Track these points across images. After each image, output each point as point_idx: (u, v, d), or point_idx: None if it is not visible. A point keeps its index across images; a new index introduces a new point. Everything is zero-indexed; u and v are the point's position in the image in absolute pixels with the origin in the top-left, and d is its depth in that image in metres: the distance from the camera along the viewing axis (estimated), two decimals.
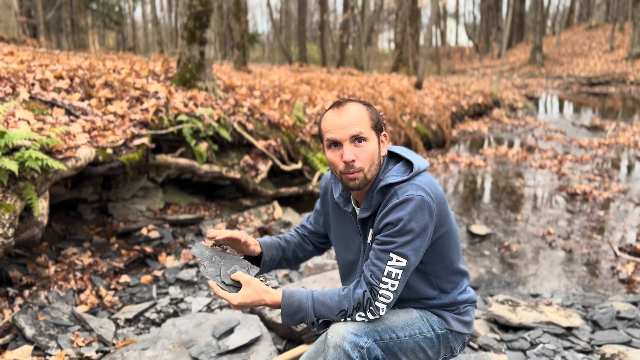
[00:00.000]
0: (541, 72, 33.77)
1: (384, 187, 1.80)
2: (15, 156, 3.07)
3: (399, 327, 1.84)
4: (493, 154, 9.45)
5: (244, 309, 1.80)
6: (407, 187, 1.76)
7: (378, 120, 1.83)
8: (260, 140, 5.77)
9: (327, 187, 2.09)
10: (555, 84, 27.91)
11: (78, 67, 5.64)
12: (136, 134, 4.27)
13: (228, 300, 1.72)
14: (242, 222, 4.81)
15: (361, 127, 1.77)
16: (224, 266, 1.80)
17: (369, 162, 1.79)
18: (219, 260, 1.83)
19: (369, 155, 1.79)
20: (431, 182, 1.82)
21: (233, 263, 1.83)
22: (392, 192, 1.77)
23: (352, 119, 1.77)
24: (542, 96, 22.46)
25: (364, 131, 1.77)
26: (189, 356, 2.66)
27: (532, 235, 4.98)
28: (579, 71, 31.57)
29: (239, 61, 12.23)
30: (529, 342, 2.82)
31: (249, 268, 1.84)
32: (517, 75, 32.81)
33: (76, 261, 3.77)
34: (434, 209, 1.75)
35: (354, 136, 1.76)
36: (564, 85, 27.51)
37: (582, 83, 27.98)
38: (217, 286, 1.73)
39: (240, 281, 1.74)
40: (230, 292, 1.73)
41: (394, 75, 17.21)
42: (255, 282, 1.74)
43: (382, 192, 1.81)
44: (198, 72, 5.92)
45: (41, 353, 2.77)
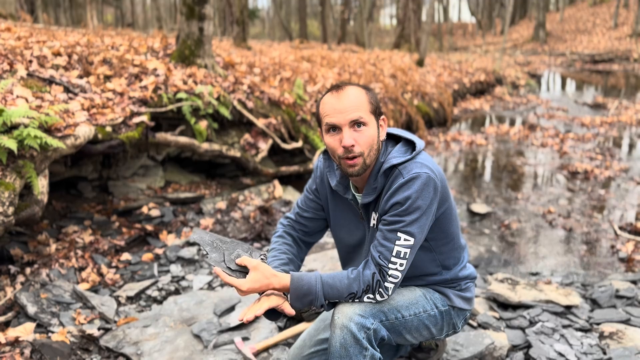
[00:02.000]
0: (544, 49, 33.43)
1: (387, 169, 1.79)
2: (14, 134, 3.05)
3: (403, 307, 1.85)
4: (494, 132, 9.41)
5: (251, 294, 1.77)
6: (411, 165, 1.75)
7: (377, 104, 1.82)
8: (260, 118, 5.73)
9: (322, 176, 2.06)
10: (558, 61, 27.66)
11: (76, 43, 5.57)
12: (135, 112, 4.24)
13: (236, 287, 1.70)
14: (243, 200, 4.81)
15: (360, 111, 1.75)
16: (226, 251, 1.78)
17: (368, 147, 1.77)
18: (221, 245, 1.80)
19: (369, 140, 1.77)
20: (431, 160, 1.82)
21: (235, 247, 1.81)
22: (396, 173, 1.76)
23: (351, 103, 1.74)
24: (544, 74, 22.27)
25: (363, 116, 1.75)
26: (190, 333, 2.68)
27: (533, 214, 4.98)
28: (582, 48, 31.25)
29: (238, 37, 12.09)
30: (528, 321, 2.84)
31: (251, 251, 1.83)
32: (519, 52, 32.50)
33: (77, 239, 3.78)
34: (438, 185, 1.75)
35: (354, 121, 1.74)
36: (567, 62, 27.26)
37: (585, 60, 27.72)
38: (224, 273, 1.71)
39: (248, 266, 1.73)
40: (238, 278, 1.71)
41: (395, 52, 17.05)
42: (263, 267, 1.73)
43: (386, 174, 1.80)
44: (197, 48, 5.86)
45: (43, 330, 2.80)
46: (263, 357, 2.47)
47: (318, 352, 2.12)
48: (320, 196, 2.09)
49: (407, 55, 16.26)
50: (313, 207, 2.13)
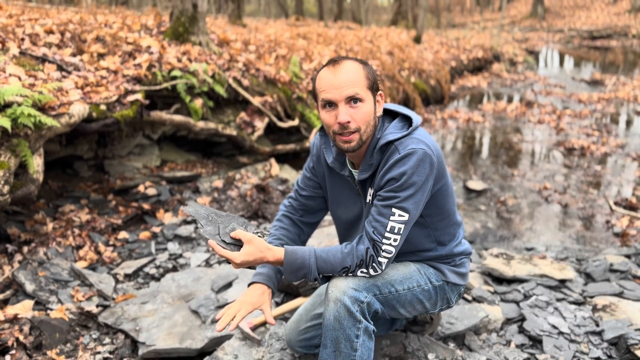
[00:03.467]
0: (542, 25, 33.15)
1: (384, 145, 1.78)
2: (7, 112, 3.03)
3: (397, 281, 1.87)
4: (492, 109, 9.38)
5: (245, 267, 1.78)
6: (407, 141, 1.74)
7: (374, 79, 1.79)
8: (256, 96, 5.69)
9: (318, 154, 2.06)
10: (557, 38, 27.45)
11: (69, 21, 5.50)
12: (130, 90, 4.21)
13: (230, 259, 1.71)
14: (239, 179, 4.81)
15: (357, 87, 1.72)
16: (221, 224, 1.78)
17: (364, 123, 1.75)
18: (216, 218, 1.80)
19: (365, 117, 1.75)
20: (428, 136, 1.81)
21: (230, 221, 1.81)
22: (392, 149, 1.75)
23: (348, 78, 1.71)
24: (542, 50, 22.12)
25: (359, 92, 1.72)
26: (188, 309, 2.70)
27: (529, 190, 5.00)
28: (580, 24, 30.99)
29: (233, 15, 11.95)
30: (522, 294, 2.87)
31: (246, 225, 1.84)
32: (517, 28, 32.22)
33: (74, 218, 3.79)
34: (434, 161, 1.74)
35: (350, 97, 1.71)
36: (565, 39, 27.06)
37: (584, 37, 27.52)
38: (218, 245, 1.71)
39: (242, 239, 1.73)
40: (232, 251, 1.72)
41: (392, 29, 16.89)
42: (257, 240, 1.74)
43: (382, 150, 1.79)
44: (191, 25, 5.79)
45: (42, 307, 2.82)
46: (260, 331, 2.50)
47: (314, 326, 2.15)
48: (317, 174, 2.09)
49: (405, 32, 16.11)
50: (311, 185, 2.13)
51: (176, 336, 2.50)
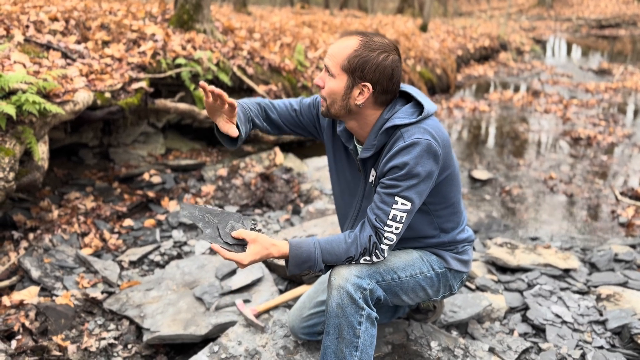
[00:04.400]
0: (550, 14, 32.81)
1: (390, 129, 1.77)
2: (12, 100, 3.03)
3: (400, 268, 1.87)
4: (498, 98, 9.32)
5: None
6: (414, 130, 1.72)
7: (359, 67, 1.71)
8: (260, 85, 5.67)
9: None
10: (564, 27, 27.19)
11: (73, 8, 5.48)
12: (134, 78, 4.21)
13: (238, 262, 1.68)
14: (244, 167, 4.81)
15: (332, 61, 1.75)
16: (219, 224, 1.75)
17: (330, 98, 1.79)
18: (212, 218, 1.77)
19: (329, 92, 1.78)
20: (438, 126, 1.78)
21: (227, 219, 1.79)
22: (398, 135, 1.74)
23: (333, 50, 1.76)
24: (550, 39, 21.91)
25: (331, 67, 1.75)
26: (192, 296, 2.72)
27: (534, 179, 4.97)
28: (588, 13, 30.67)
29: (238, 3, 11.88)
30: (526, 283, 2.87)
31: (242, 220, 1.81)
32: (525, 17, 31.92)
33: (79, 205, 3.80)
34: (439, 153, 1.73)
35: (325, 66, 1.78)
36: (573, 27, 26.79)
37: (592, 25, 27.24)
38: (222, 249, 1.68)
39: (246, 239, 1.72)
40: (237, 252, 1.69)
41: (398, 17, 16.76)
42: (261, 237, 1.73)
43: (387, 133, 1.78)
44: (196, 13, 5.76)
45: (47, 293, 2.84)
46: (264, 318, 2.51)
47: (317, 314, 2.16)
48: (322, 128, 2.09)
49: (411, 20, 15.99)
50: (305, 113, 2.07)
51: (180, 323, 2.52)
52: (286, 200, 4.20)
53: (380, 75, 1.72)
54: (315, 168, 4.98)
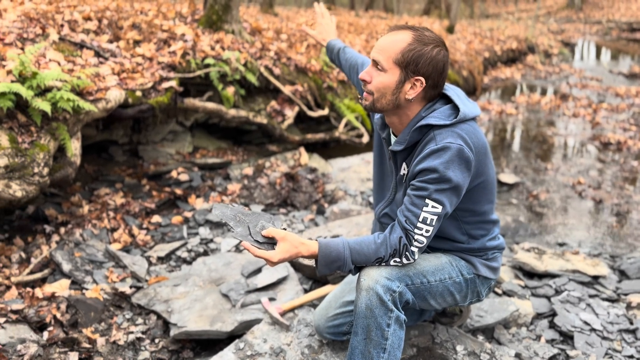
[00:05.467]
0: (579, 16, 32.23)
1: (423, 127, 1.77)
2: (48, 97, 3.11)
3: (429, 272, 1.87)
4: (525, 101, 9.20)
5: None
6: (446, 133, 1.72)
7: (413, 61, 1.72)
8: (287, 85, 5.71)
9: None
10: (594, 30, 26.67)
11: (106, 8, 5.60)
12: (164, 77, 4.28)
13: (267, 259, 1.70)
14: (269, 167, 4.85)
15: (383, 56, 1.75)
16: (250, 224, 1.78)
17: (378, 92, 1.78)
18: (243, 218, 1.80)
19: (379, 86, 1.77)
20: (474, 132, 1.77)
21: (258, 219, 1.82)
22: (430, 136, 1.74)
23: (383, 44, 1.76)
24: (578, 42, 21.52)
25: (382, 61, 1.75)
26: (219, 293, 2.75)
27: (562, 184, 4.90)
28: (619, 16, 30.03)
29: (265, 4, 11.97)
30: (553, 289, 2.83)
31: (273, 220, 1.84)
32: (553, 19, 31.42)
33: (109, 201, 3.88)
34: (471, 159, 1.72)
35: (375, 61, 1.77)
36: (603, 30, 26.26)
37: (623, 28, 26.66)
38: (253, 246, 1.71)
39: (276, 237, 1.74)
40: (267, 250, 1.72)
41: (425, 19, 16.67)
42: (291, 236, 1.74)
43: (421, 131, 1.78)
44: (225, 14, 5.82)
45: (78, 287, 2.91)
46: (289, 317, 2.53)
47: (343, 314, 2.16)
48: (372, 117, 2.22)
49: (437, 21, 15.88)
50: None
51: (207, 319, 2.56)
52: (311, 200, 4.22)
53: (434, 70, 1.74)
54: (339, 169, 4.99)
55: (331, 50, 2.54)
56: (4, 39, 3.68)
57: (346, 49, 2.48)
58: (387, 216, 2.05)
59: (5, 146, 2.81)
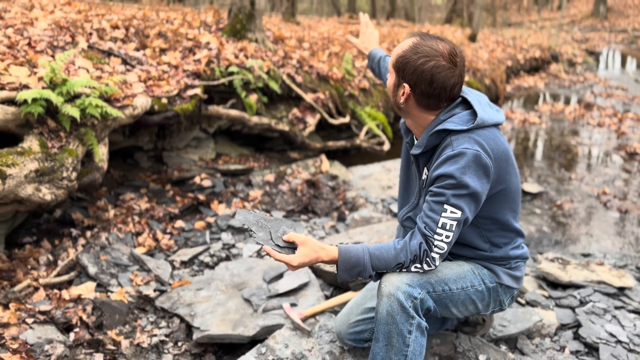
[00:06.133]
0: (604, 25, 31.78)
1: (441, 131, 1.78)
2: (77, 103, 3.19)
3: (451, 280, 1.86)
4: (549, 110, 9.10)
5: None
6: (463, 139, 1.72)
7: (401, 67, 1.79)
8: (308, 93, 5.75)
9: None
10: (619, 38, 26.26)
11: (133, 17, 5.72)
12: (189, 85, 4.35)
13: (287, 263, 1.73)
14: (290, 173, 4.88)
15: (391, 59, 1.86)
16: (272, 229, 1.81)
17: (388, 92, 1.90)
18: (265, 223, 1.83)
19: (388, 86, 1.90)
20: (493, 138, 1.76)
21: (279, 224, 1.84)
22: (447, 142, 1.75)
23: (395, 48, 1.85)
24: (603, 51, 21.22)
25: (389, 64, 1.86)
26: (241, 297, 2.78)
27: (586, 194, 4.83)
28: None
29: (287, 13, 12.07)
30: (578, 300, 2.79)
31: (294, 226, 1.86)
32: (577, 28, 31.04)
33: (134, 206, 3.95)
34: (489, 165, 1.71)
35: None
36: (629, 39, 25.84)
37: None
38: (273, 250, 1.74)
39: (296, 241, 1.76)
40: (287, 254, 1.74)
41: (446, 27, 16.62)
42: (311, 240, 1.76)
43: (439, 135, 1.79)
44: (248, 23, 5.90)
45: (103, 289, 2.96)
46: (310, 322, 2.54)
47: (364, 320, 2.16)
48: None
49: (459, 30, 15.82)
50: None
51: (229, 323, 2.58)
52: (331, 207, 4.23)
53: (418, 79, 1.75)
54: (360, 176, 5.00)
55: (372, 58, 2.58)
56: (35, 46, 3.78)
57: (387, 58, 2.50)
58: (410, 220, 2.05)
59: (35, 151, 2.89)
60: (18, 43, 3.72)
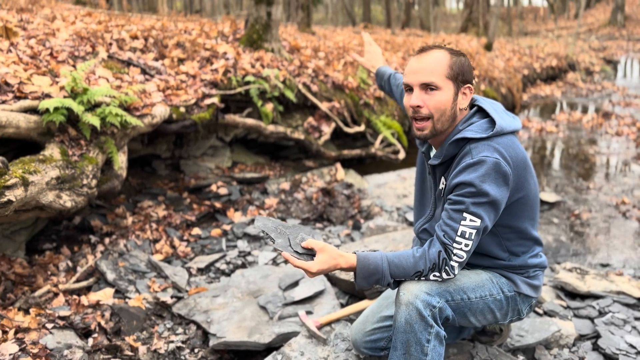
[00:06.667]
0: (622, 33, 31.47)
1: (460, 140, 1.78)
2: (97, 112, 3.25)
3: (470, 289, 1.85)
4: (566, 119, 9.03)
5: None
6: (482, 147, 1.72)
7: (460, 71, 1.79)
8: (324, 102, 5.78)
9: None
10: (637, 47, 25.97)
11: (151, 27, 5.82)
12: (207, 94, 4.40)
13: (306, 269, 1.73)
14: (306, 182, 4.90)
15: (434, 75, 1.75)
16: (290, 236, 1.82)
17: (438, 111, 1.77)
18: (284, 230, 1.84)
19: (438, 105, 1.77)
20: (511, 145, 1.76)
21: (298, 231, 1.85)
22: (466, 150, 1.75)
23: (427, 65, 1.76)
24: (621, 60, 21.00)
25: (436, 80, 1.75)
26: (256, 305, 2.79)
27: (605, 204, 4.78)
28: None
29: (303, 23, 12.16)
30: (597, 311, 2.75)
31: (313, 233, 1.87)
32: (595, 37, 30.78)
33: (152, 213, 4.00)
34: (508, 173, 1.71)
35: (424, 84, 1.76)
36: None
37: None
38: (292, 257, 1.74)
39: (315, 248, 1.76)
40: (306, 261, 1.75)
41: (462, 36, 16.59)
42: (330, 248, 1.76)
43: (457, 144, 1.79)
44: (265, 33, 5.96)
45: (121, 296, 2.99)
46: (326, 330, 2.54)
47: (381, 329, 2.16)
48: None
49: (475, 39, 15.79)
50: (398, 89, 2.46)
51: (245, 330, 2.59)
52: (347, 215, 4.24)
53: (471, 75, 1.82)
54: (375, 185, 5.00)
55: (381, 76, 2.59)
56: (57, 56, 3.87)
57: (396, 75, 2.52)
58: (426, 232, 2.04)
59: (56, 158, 2.94)
60: (40, 53, 3.81)
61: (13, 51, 3.64)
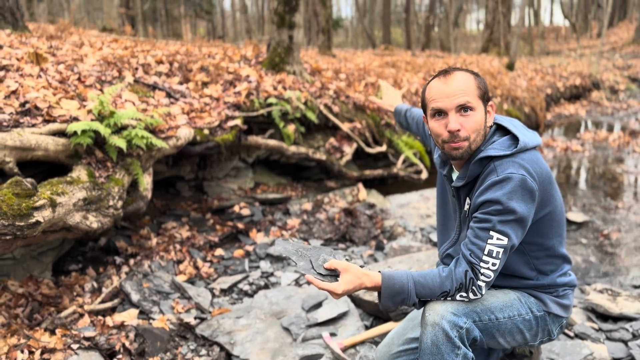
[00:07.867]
0: None
1: (483, 159, 1.76)
2: (123, 134, 3.31)
3: (497, 309, 1.81)
4: (591, 138, 8.89)
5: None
6: (507, 164, 1.70)
7: (485, 89, 1.79)
8: (345, 122, 5.80)
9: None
10: None
11: (176, 52, 5.95)
12: (230, 116, 4.46)
13: (331, 291, 1.70)
14: (328, 202, 4.89)
15: (468, 96, 1.73)
16: (312, 257, 1.80)
17: (474, 132, 1.75)
18: (305, 252, 1.82)
19: (475, 125, 1.75)
20: (536, 161, 1.74)
21: (319, 252, 1.83)
22: (491, 168, 1.73)
23: (458, 87, 1.74)
24: None
25: (471, 100, 1.73)
26: (280, 326, 2.77)
27: (635, 223, 4.65)
28: None
29: (323, 46, 12.30)
30: (630, 333, 2.66)
31: (334, 254, 1.85)
32: (618, 55, 30.41)
33: (175, 234, 4.03)
34: (535, 189, 1.68)
35: (461, 105, 1.73)
36: None
37: None
38: (316, 279, 1.72)
39: (338, 269, 1.74)
40: (330, 282, 1.72)
41: (483, 57, 16.57)
42: (353, 267, 1.74)
43: (481, 163, 1.77)
44: (287, 56, 6.04)
45: (145, 316, 3.00)
46: (350, 353, 2.50)
47: (406, 351, 2.11)
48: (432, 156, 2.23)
49: (496, 59, 15.74)
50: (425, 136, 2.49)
51: (268, 352, 2.57)
52: (369, 236, 4.21)
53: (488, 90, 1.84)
54: (398, 205, 4.97)
55: (399, 113, 2.72)
56: (85, 81, 3.97)
57: (412, 109, 2.63)
58: (449, 257, 1.99)
59: (84, 180, 3.00)
60: (69, 78, 3.91)
61: (43, 76, 3.75)
